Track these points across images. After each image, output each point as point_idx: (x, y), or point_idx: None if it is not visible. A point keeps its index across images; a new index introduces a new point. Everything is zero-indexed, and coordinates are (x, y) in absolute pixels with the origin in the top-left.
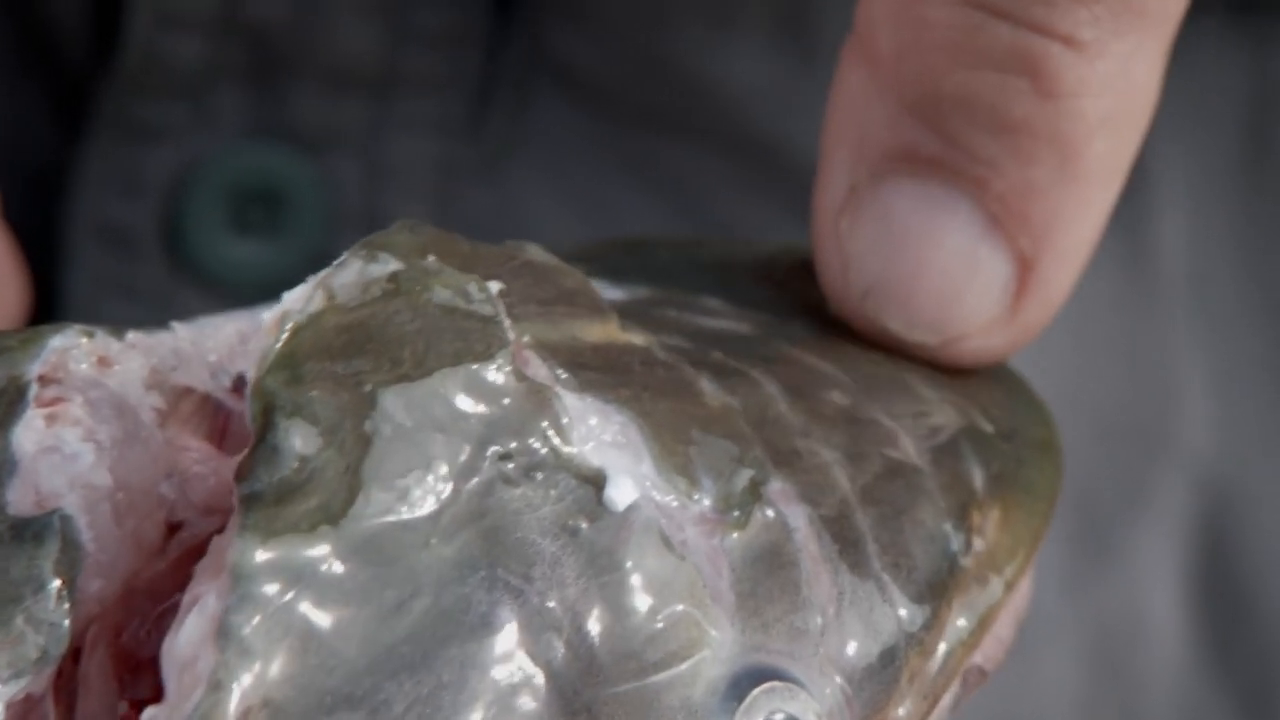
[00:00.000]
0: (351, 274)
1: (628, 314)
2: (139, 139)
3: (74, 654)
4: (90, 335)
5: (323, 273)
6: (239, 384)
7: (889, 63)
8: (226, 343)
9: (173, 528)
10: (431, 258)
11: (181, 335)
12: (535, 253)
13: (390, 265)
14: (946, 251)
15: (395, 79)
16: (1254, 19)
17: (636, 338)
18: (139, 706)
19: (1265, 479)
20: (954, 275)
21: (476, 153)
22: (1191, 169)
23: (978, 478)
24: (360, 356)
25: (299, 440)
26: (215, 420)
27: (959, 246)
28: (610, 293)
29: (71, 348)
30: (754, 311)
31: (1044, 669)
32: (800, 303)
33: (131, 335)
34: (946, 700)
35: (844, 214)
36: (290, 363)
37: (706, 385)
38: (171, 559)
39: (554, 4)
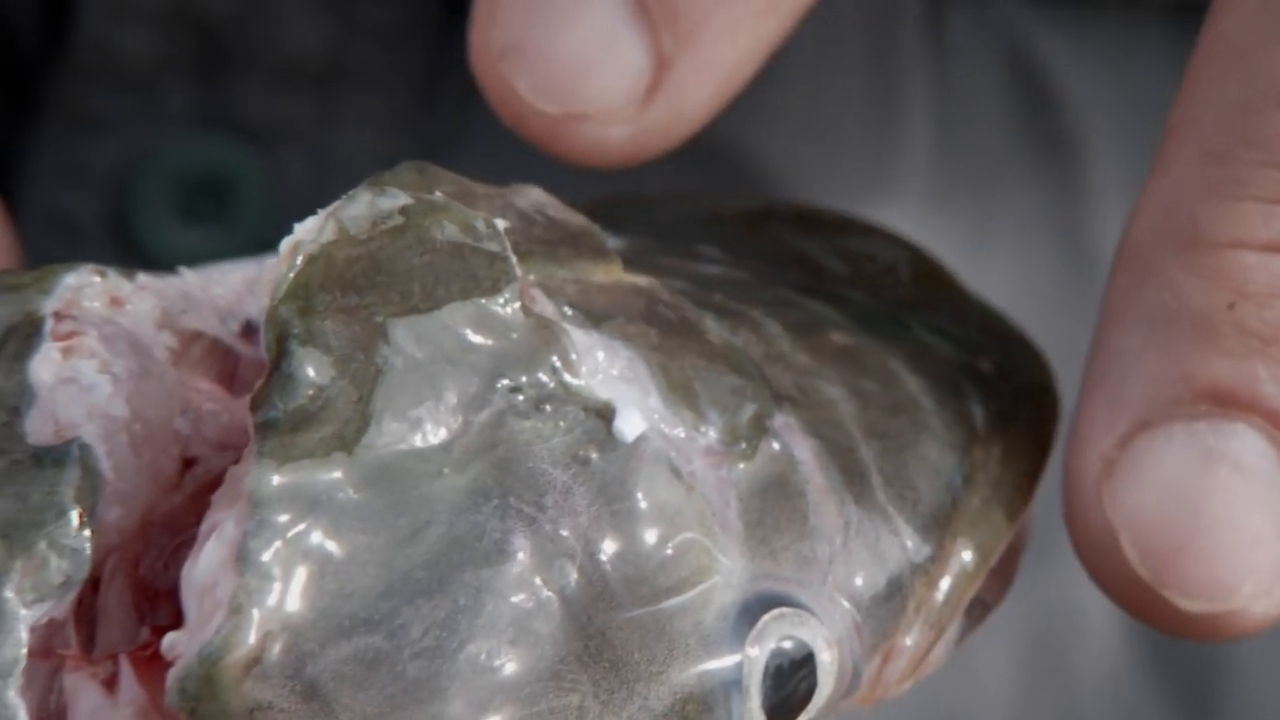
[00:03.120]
0: (361, 207)
1: (630, 259)
2: (88, 129)
3: (93, 584)
4: (103, 274)
5: (333, 205)
6: (247, 329)
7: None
8: (234, 289)
9: (188, 463)
10: (439, 194)
11: (190, 280)
12: (539, 195)
13: (399, 200)
14: (588, 23)
15: (342, 72)
16: (1193, 20)
17: (640, 279)
18: (159, 633)
19: None
20: (590, 48)
21: (421, 145)
22: (1128, 171)
23: (979, 415)
24: (371, 289)
25: (313, 369)
26: (225, 364)
27: (601, 22)
28: (612, 241)
29: (85, 285)
30: (751, 259)
31: (980, 666)
32: (796, 251)
33: (142, 277)
34: (952, 632)
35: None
36: (303, 292)
37: (710, 324)
38: (187, 493)
39: None
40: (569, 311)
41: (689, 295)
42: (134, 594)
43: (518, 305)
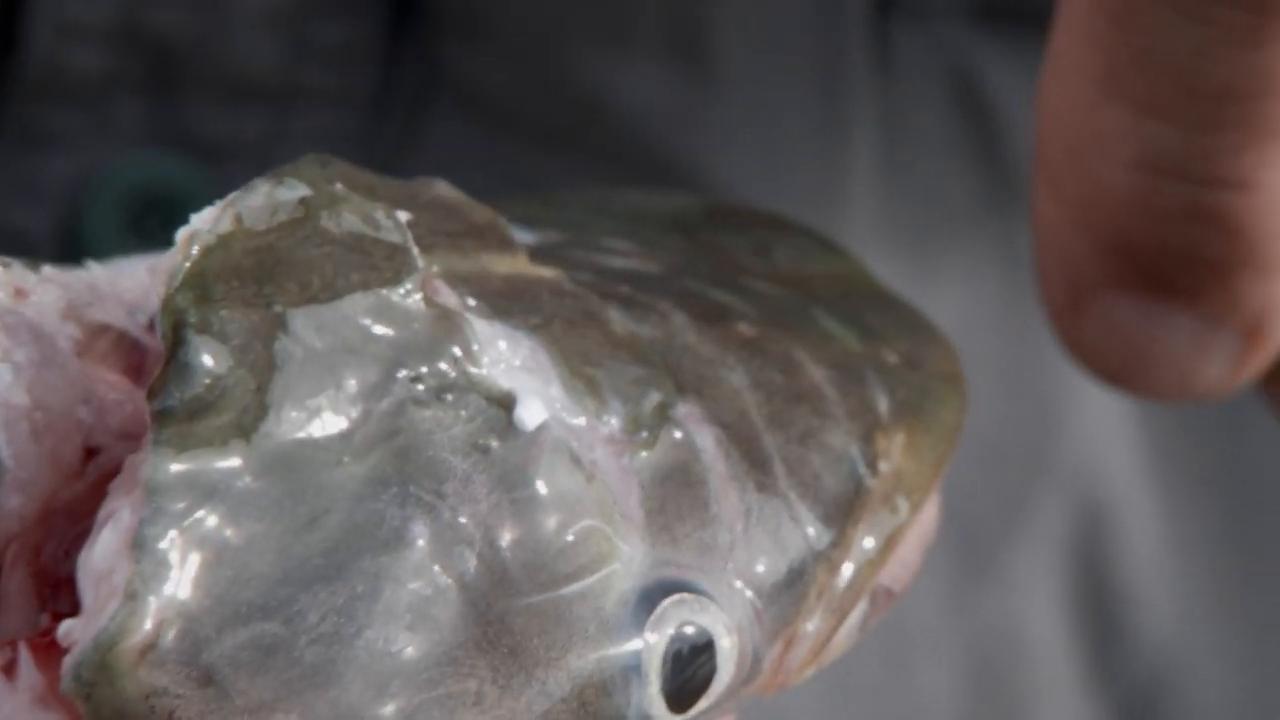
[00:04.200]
0: (260, 197)
1: (538, 253)
2: (38, 146)
3: None
4: (6, 266)
5: (230, 195)
6: (154, 322)
7: (1078, 208)
8: (142, 282)
9: (90, 452)
10: (339, 185)
11: (97, 274)
12: (444, 189)
13: (299, 191)
14: (1173, 350)
15: (293, 92)
16: None
17: (545, 271)
18: (60, 620)
19: (1143, 498)
20: (1184, 362)
21: (371, 164)
22: None
23: (883, 404)
24: (269, 279)
25: (209, 357)
26: (132, 358)
27: (1184, 345)
28: (521, 235)
29: None
30: (662, 253)
31: (924, 686)
32: (708, 246)
33: (47, 270)
34: (854, 618)
35: (1072, 316)
36: (199, 281)
37: (615, 315)
38: (90, 481)
39: (450, 21)
40: (471, 302)
41: (595, 287)
42: (35, 582)
43: (419, 296)
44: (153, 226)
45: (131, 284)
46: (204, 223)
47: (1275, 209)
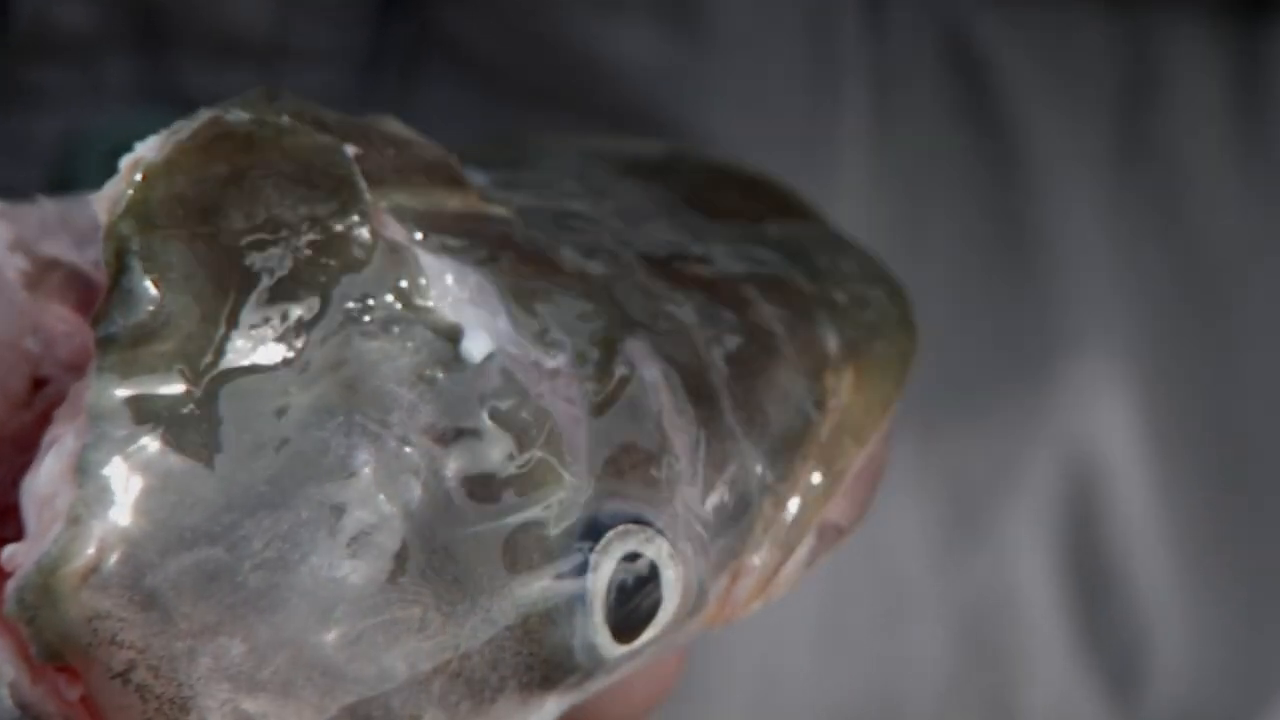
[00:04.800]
0: (204, 126)
1: (489, 192)
2: (29, 103)
3: None
4: None
5: (175, 124)
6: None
7: None
8: (92, 218)
9: (39, 383)
10: (286, 118)
11: (48, 209)
12: (395, 125)
13: (244, 121)
14: None
15: (284, 49)
16: (1130, 10)
17: (496, 208)
18: (5, 544)
19: (1132, 454)
20: None
21: None
22: (1065, 152)
23: (832, 343)
24: (214, 209)
25: (152, 285)
26: (82, 293)
27: None
28: (476, 176)
29: None
30: (617, 196)
31: (915, 644)
32: (663, 189)
33: None
34: (802, 552)
35: None
36: (142, 209)
37: (566, 253)
38: (38, 412)
39: None
40: (419, 236)
41: (545, 226)
42: None
43: (366, 229)
44: None
45: (82, 219)
46: (148, 150)
47: None
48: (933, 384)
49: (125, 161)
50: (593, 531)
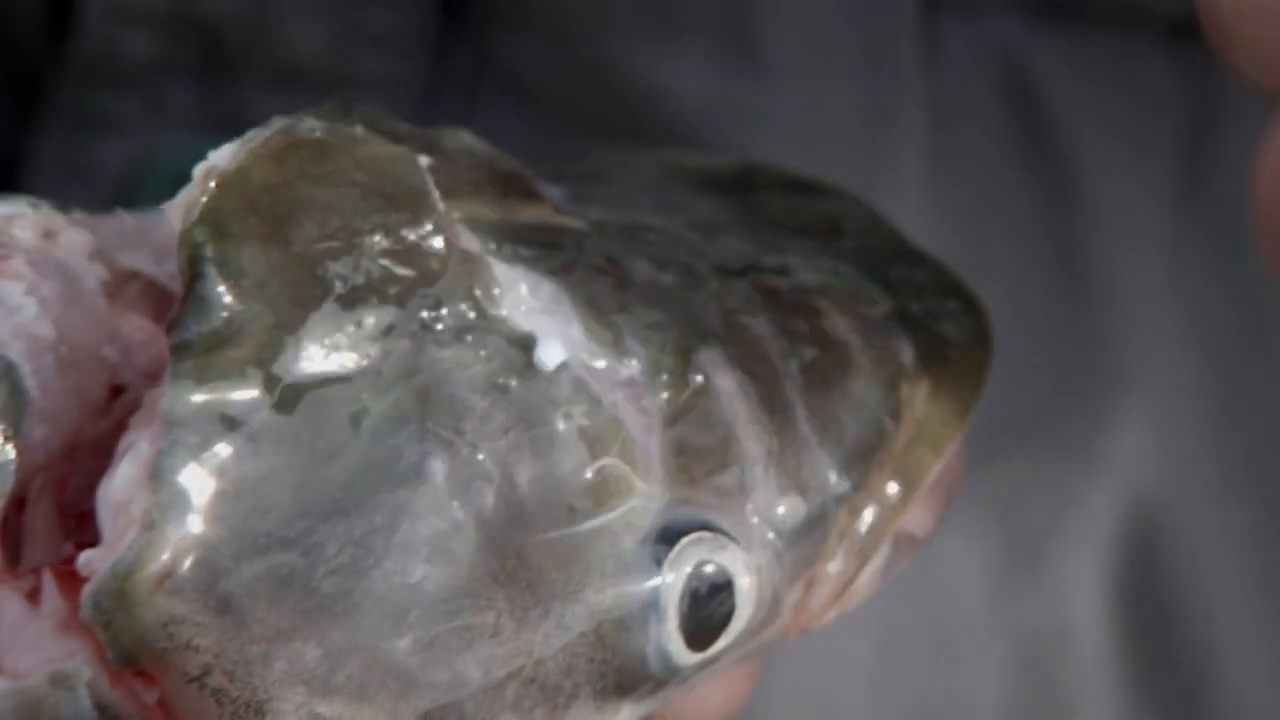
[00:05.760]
0: (277, 135)
1: (564, 205)
2: (92, 130)
3: (19, 504)
4: (35, 207)
5: (249, 132)
6: None
7: None
8: (170, 230)
9: (116, 390)
10: (359, 128)
11: (126, 221)
12: (468, 139)
13: (318, 130)
14: None
15: (344, 78)
16: (1190, 42)
17: (570, 220)
18: (83, 549)
19: (1193, 494)
20: None
21: None
22: (1123, 187)
23: (907, 355)
24: (288, 217)
25: (226, 291)
26: (160, 303)
27: None
28: (549, 190)
29: (17, 216)
30: (692, 209)
31: (970, 677)
32: (738, 203)
33: (77, 214)
34: (878, 561)
35: None
36: (216, 216)
37: (639, 264)
38: (115, 419)
39: (502, 11)
40: (493, 246)
41: (619, 239)
42: (60, 515)
43: (440, 238)
44: None
45: (160, 232)
46: (222, 159)
47: None
48: (991, 419)
49: (199, 169)
50: (666, 539)
